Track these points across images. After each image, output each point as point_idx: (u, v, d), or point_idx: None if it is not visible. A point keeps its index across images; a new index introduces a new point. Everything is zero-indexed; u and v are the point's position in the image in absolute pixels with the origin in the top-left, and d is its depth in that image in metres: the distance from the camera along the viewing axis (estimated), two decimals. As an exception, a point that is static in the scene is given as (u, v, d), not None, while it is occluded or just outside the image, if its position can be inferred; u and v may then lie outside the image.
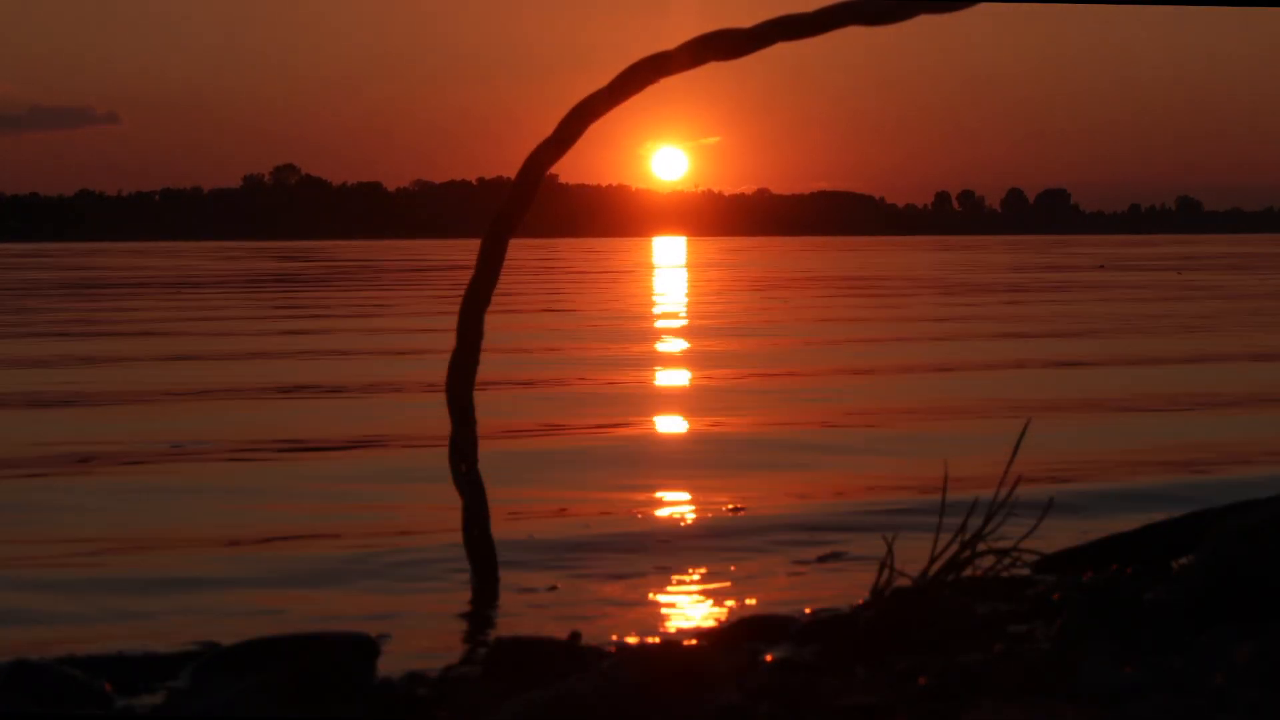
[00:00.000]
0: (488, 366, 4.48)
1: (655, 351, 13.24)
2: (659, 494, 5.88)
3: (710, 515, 5.39)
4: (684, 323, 17.48)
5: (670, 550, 4.77)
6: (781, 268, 41.38)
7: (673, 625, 3.84)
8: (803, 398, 9.56)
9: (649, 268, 42.48)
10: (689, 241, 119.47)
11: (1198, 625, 3.36)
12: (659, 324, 17.13)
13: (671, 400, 9.86)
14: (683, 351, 13.32)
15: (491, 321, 4.43)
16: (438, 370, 4.55)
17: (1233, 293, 23.90)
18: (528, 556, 4.66)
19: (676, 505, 5.66)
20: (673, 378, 11.16)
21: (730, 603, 4.11)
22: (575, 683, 2.92)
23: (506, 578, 4.33)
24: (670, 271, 39.05)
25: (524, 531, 4.99)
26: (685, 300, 23.38)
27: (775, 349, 13.60)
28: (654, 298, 24.07)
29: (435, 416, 4.64)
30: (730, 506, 5.49)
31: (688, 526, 5.20)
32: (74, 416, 8.68)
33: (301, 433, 7.89)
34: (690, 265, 45.93)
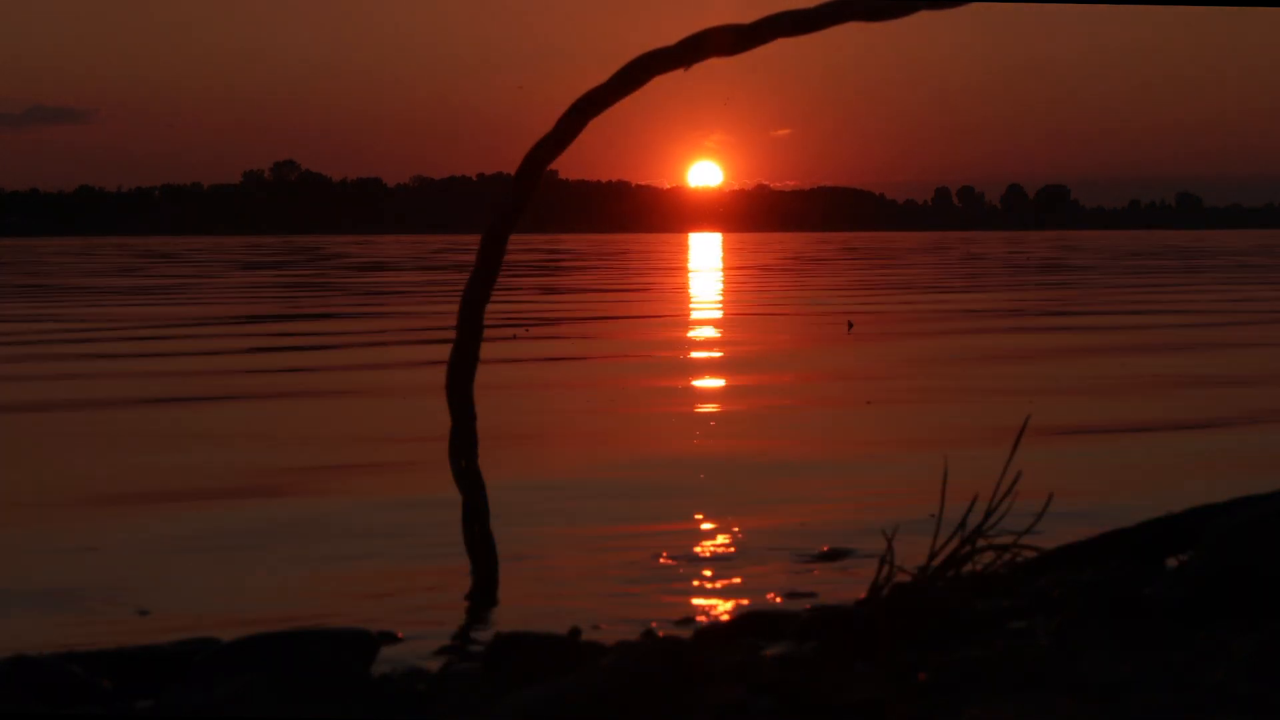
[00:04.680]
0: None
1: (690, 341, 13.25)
2: (660, 492, 5.87)
3: (710, 513, 5.38)
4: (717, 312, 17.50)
5: (670, 546, 4.77)
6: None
7: (673, 621, 3.84)
8: (816, 394, 9.55)
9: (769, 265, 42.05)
10: (695, 238, 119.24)
11: (1198, 621, 3.36)
12: (695, 315, 17.14)
13: (675, 396, 9.86)
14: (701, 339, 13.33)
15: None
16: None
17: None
18: (528, 553, 4.65)
19: (677, 504, 5.65)
20: (696, 368, 11.15)
21: (730, 598, 4.11)
22: (575, 679, 2.92)
23: (506, 574, 4.33)
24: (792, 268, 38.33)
25: (524, 529, 4.99)
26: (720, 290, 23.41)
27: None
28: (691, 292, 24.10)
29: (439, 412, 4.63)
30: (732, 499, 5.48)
31: (687, 524, 5.19)
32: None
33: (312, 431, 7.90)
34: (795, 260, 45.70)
